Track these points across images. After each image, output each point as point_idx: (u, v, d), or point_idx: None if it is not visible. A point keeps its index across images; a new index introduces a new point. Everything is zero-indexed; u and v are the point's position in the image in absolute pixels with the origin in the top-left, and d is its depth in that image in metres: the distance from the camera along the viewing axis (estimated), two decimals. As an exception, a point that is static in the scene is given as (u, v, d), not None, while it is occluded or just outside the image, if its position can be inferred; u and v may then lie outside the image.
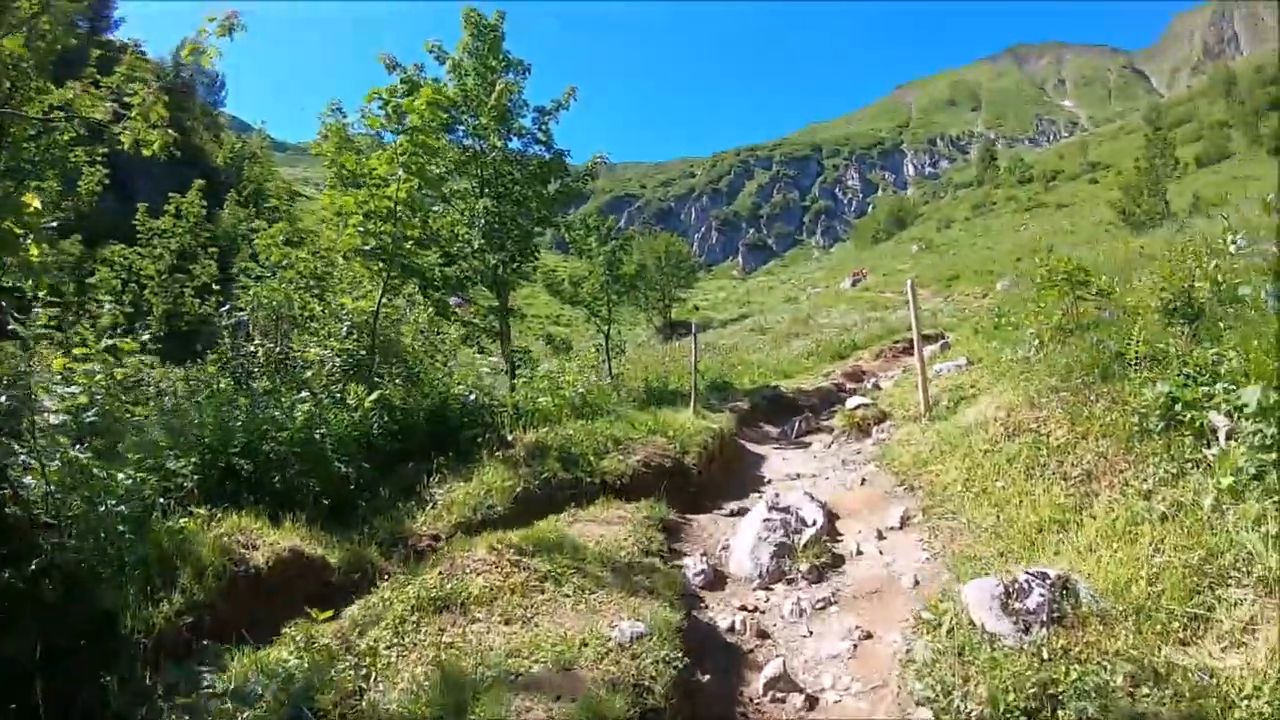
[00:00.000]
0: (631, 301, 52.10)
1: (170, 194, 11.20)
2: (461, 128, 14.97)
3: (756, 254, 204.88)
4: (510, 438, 8.68)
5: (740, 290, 75.91)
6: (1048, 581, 4.33)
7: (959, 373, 11.03)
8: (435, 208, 13.70)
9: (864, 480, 8.42)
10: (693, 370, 12.37)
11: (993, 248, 64.21)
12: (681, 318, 57.08)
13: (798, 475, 9.84)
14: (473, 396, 9.41)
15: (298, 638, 4.26)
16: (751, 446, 11.92)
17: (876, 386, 14.96)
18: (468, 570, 5.28)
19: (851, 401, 11.76)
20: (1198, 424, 5.70)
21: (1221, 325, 7.05)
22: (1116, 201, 43.51)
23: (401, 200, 9.18)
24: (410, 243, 10.23)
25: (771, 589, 6.01)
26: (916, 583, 5.65)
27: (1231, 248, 9.74)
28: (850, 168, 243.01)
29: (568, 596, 5.10)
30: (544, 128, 15.54)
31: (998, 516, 5.93)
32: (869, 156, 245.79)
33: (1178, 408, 5.87)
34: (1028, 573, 4.40)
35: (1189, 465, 5.48)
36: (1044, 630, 4.03)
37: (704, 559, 6.43)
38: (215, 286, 11.01)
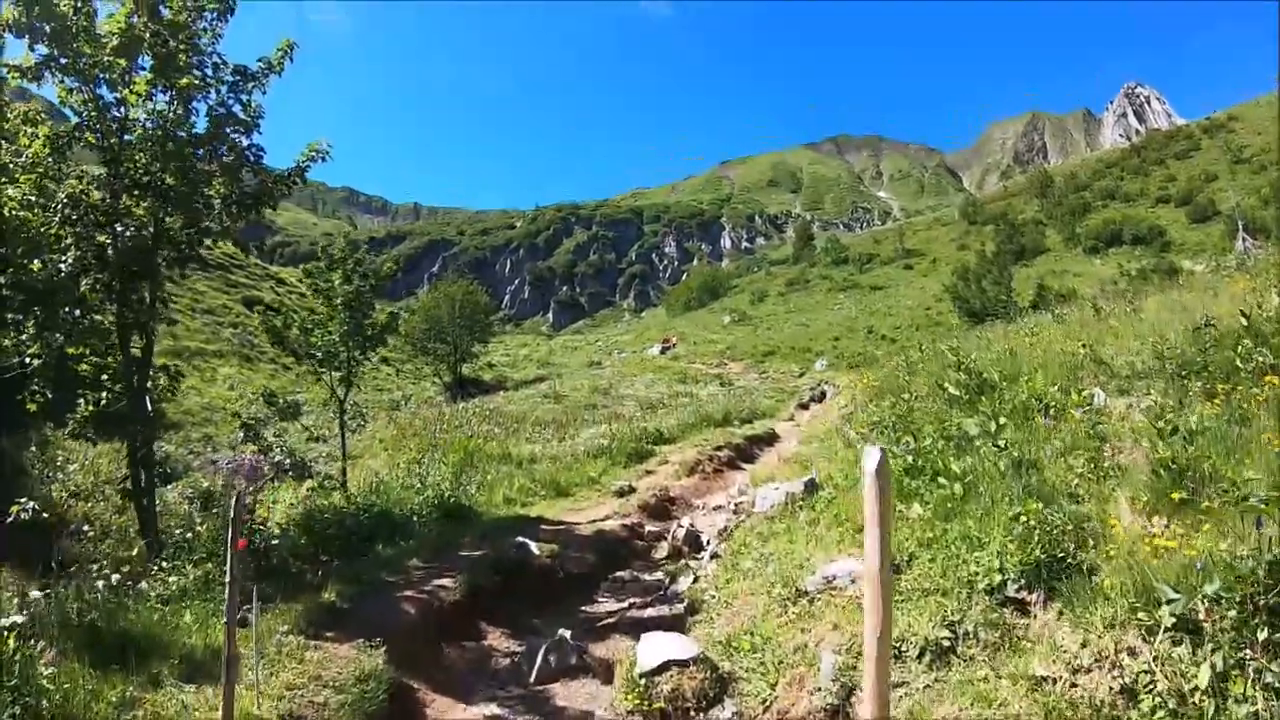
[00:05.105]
0: (414, 355, 45.78)
1: None
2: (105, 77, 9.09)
3: (567, 311, 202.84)
4: None
5: (543, 349, 70.22)
6: None
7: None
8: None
9: None
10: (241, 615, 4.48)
11: (808, 325, 62.73)
12: (474, 375, 50.74)
13: None
14: None
15: None
16: (439, 711, 5.63)
17: (694, 541, 9.19)
18: None
19: (651, 648, 5.34)
20: None
21: None
22: (952, 286, 40.75)
23: None
24: None
25: None
26: None
27: None
28: (669, 235, 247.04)
29: None
30: (246, 100, 9.89)
31: None
32: (688, 226, 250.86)
33: None
34: None
35: None
36: None
37: None
38: None
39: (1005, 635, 4.72)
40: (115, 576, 5.87)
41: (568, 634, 6.17)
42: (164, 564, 6.71)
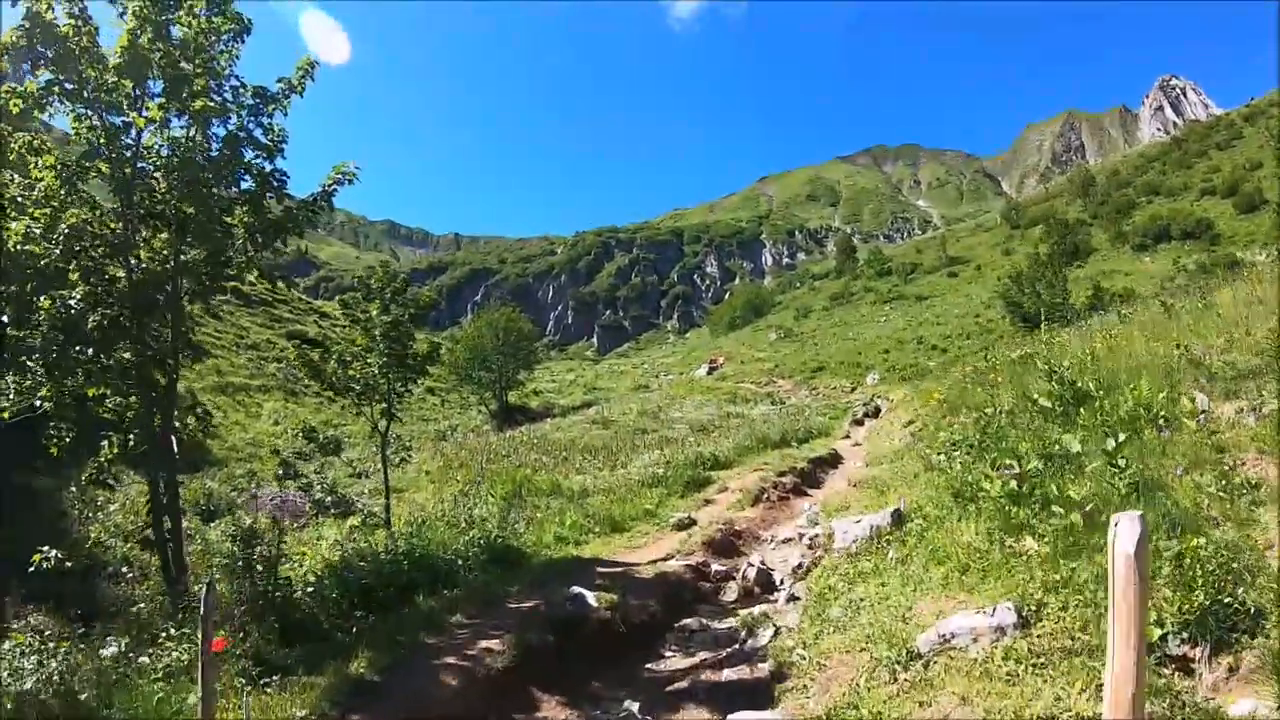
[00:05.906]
0: (459, 384, 45.36)
1: None
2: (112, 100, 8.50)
3: (612, 335, 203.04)
4: None
5: (589, 374, 69.51)
6: None
7: None
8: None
9: None
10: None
11: (856, 338, 61.38)
12: (521, 403, 50.13)
13: None
14: None
15: None
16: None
17: (766, 581, 8.32)
18: None
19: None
20: None
21: None
22: (1004, 291, 39.18)
23: None
24: None
25: None
26: None
27: None
28: (710, 255, 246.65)
29: None
30: (267, 124, 9.32)
31: None
32: (729, 245, 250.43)
33: None
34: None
35: None
36: None
37: None
38: None
39: (1174, 706, 3.83)
40: (114, 650, 5.17)
41: (635, 707, 5.29)
42: (172, 629, 5.97)
